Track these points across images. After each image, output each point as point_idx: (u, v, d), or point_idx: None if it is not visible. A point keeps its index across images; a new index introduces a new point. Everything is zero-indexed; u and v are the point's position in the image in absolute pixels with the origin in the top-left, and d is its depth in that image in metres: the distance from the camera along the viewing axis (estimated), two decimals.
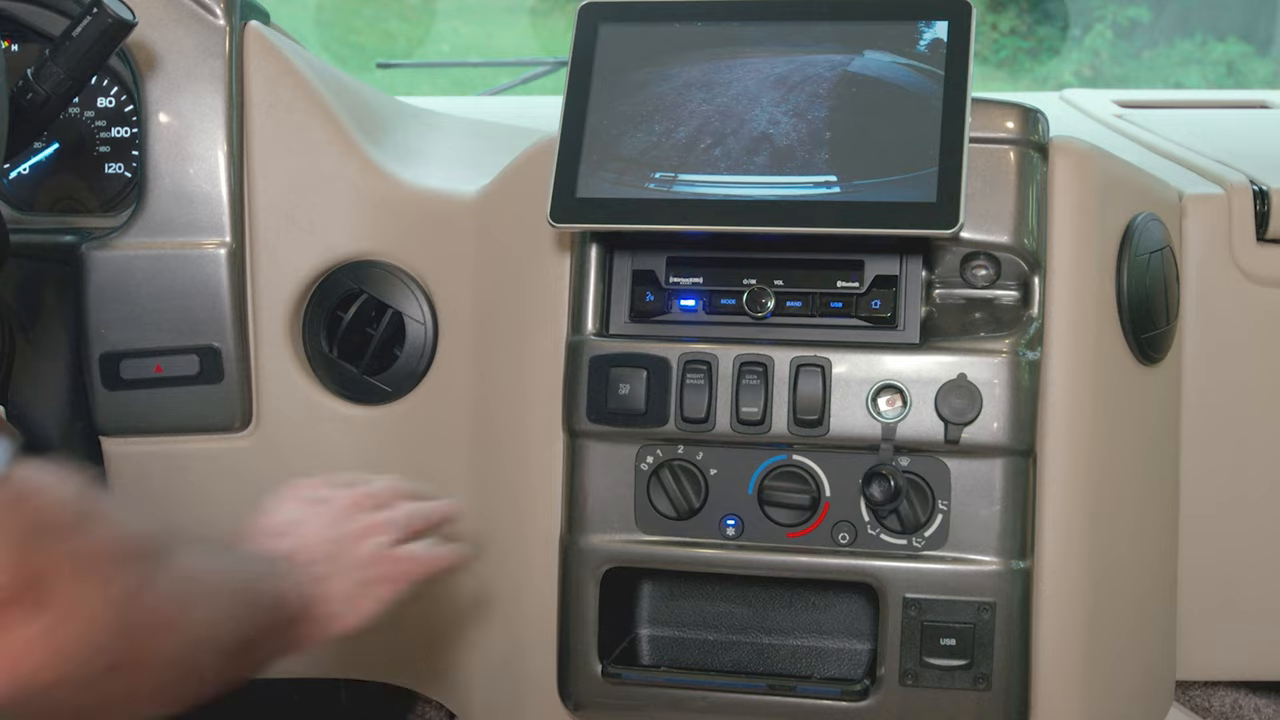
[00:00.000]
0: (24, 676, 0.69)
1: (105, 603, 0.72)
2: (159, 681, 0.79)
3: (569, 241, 1.28)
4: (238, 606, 0.89)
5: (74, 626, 0.70)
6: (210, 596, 0.85)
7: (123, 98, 1.48)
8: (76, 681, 0.72)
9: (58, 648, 0.69)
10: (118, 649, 0.73)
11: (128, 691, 0.77)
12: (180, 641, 0.80)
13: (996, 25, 5.89)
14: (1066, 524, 1.21)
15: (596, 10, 1.24)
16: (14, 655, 0.68)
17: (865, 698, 1.21)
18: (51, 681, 0.70)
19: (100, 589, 0.72)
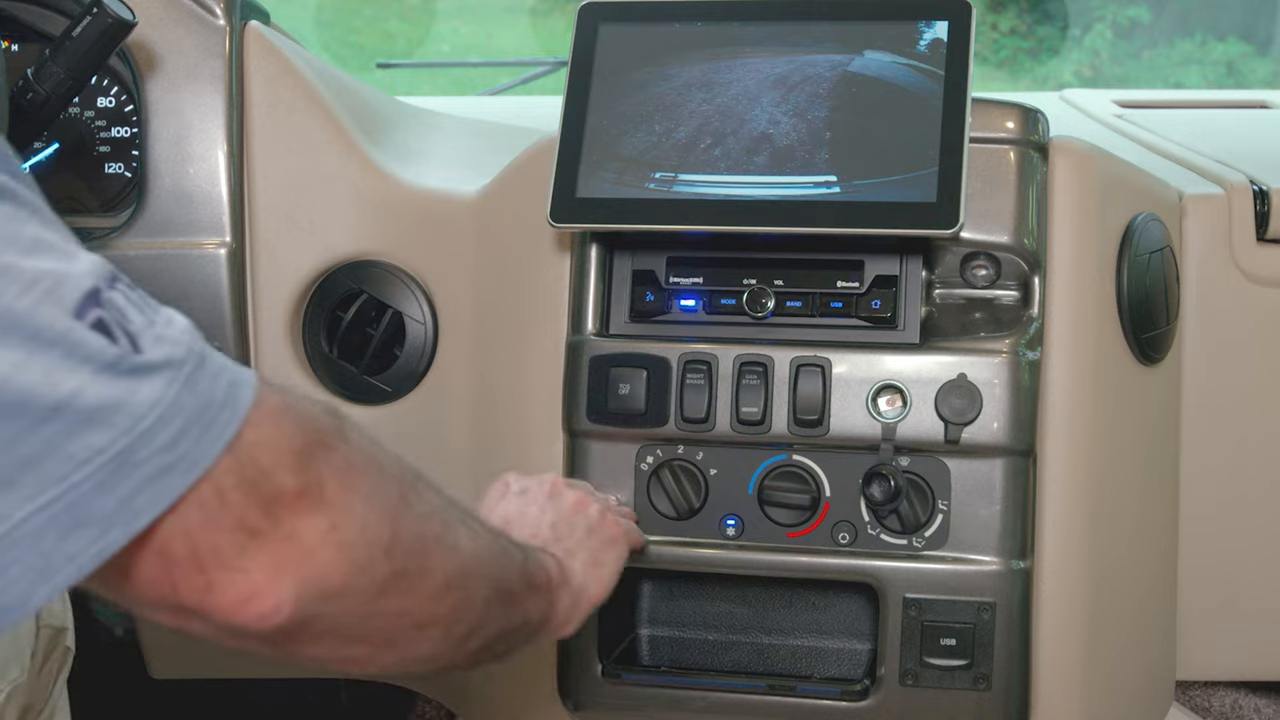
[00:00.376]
0: (316, 574, 0.68)
1: (375, 507, 0.71)
2: (438, 608, 0.77)
3: (569, 241, 1.28)
4: (504, 554, 0.87)
5: (352, 525, 0.69)
6: (478, 530, 0.84)
7: (123, 98, 1.48)
8: (362, 591, 0.71)
9: (341, 542, 0.69)
10: (397, 556, 0.73)
11: (407, 613, 0.75)
12: (453, 562, 0.78)
13: (996, 25, 5.89)
14: (1066, 524, 1.21)
15: (596, 10, 1.24)
16: (304, 550, 0.67)
17: (865, 698, 1.21)
18: (340, 585, 0.69)
19: (369, 494, 0.71)
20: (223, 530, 0.65)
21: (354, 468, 0.71)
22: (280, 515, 0.66)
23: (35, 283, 0.59)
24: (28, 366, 0.58)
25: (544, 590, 0.93)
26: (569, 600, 0.97)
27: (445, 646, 0.80)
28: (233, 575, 0.65)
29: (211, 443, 0.63)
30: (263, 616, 0.67)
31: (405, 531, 0.74)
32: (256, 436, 0.66)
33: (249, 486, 0.65)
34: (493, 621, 0.84)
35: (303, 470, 0.67)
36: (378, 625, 0.74)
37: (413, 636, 0.77)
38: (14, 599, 0.60)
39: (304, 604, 0.68)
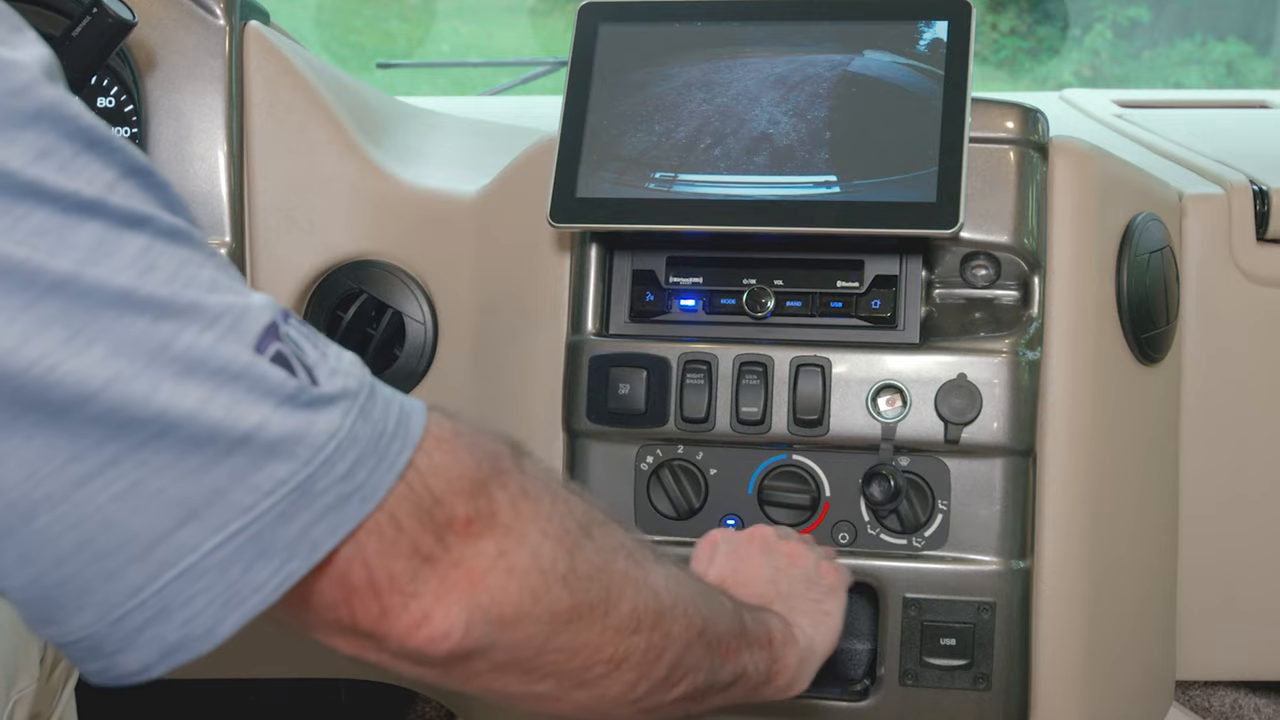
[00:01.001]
0: (486, 600, 0.68)
1: (551, 535, 0.72)
2: (630, 645, 0.76)
3: (569, 241, 1.28)
4: (712, 598, 0.86)
5: (524, 552, 0.70)
6: (678, 573, 0.83)
7: (123, 98, 1.48)
8: (539, 619, 0.71)
9: (511, 568, 0.69)
10: (577, 586, 0.73)
11: (596, 646, 0.75)
12: (644, 598, 0.77)
13: (996, 25, 5.89)
14: (1066, 524, 1.21)
15: (596, 10, 1.24)
16: (473, 575, 0.68)
17: (865, 698, 1.21)
18: (514, 612, 0.70)
19: (545, 521, 0.72)
20: (398, 557, 0.66)
21: (528, 495, 0.72)
22: (451, 541, 0.67)
23: (218, 319, 0.60)
24: (214, 401, 0.60)
25: (766, 647, 0.91)
26: (797, 658, 0.95)
27: (644, 688, 0.79)
28: (406, 600, 0.67)
29: (386, 471, 0.65)
30: (433, 640, 0.68)
31: (585, 562, 0.74)
32: (429, 464, 0.67)
33: (423, 514, 0.66)
34: (700, 669, 0.83)
35: (474, 496, 0.69)
36: (563, 659, 0.74)
37: (605, 673, 0.76)
38: (201, 629, 0.61)
39: (475, 629, 0.69)
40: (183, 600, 0.61)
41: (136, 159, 0.62)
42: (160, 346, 0.59)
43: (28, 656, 1.11)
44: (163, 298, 0.59)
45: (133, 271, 0.59)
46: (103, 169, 0.60)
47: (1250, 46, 5.88)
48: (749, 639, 0.89)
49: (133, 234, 0.60)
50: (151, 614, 0.60)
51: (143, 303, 0.58)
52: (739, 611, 0.89)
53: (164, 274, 0.60)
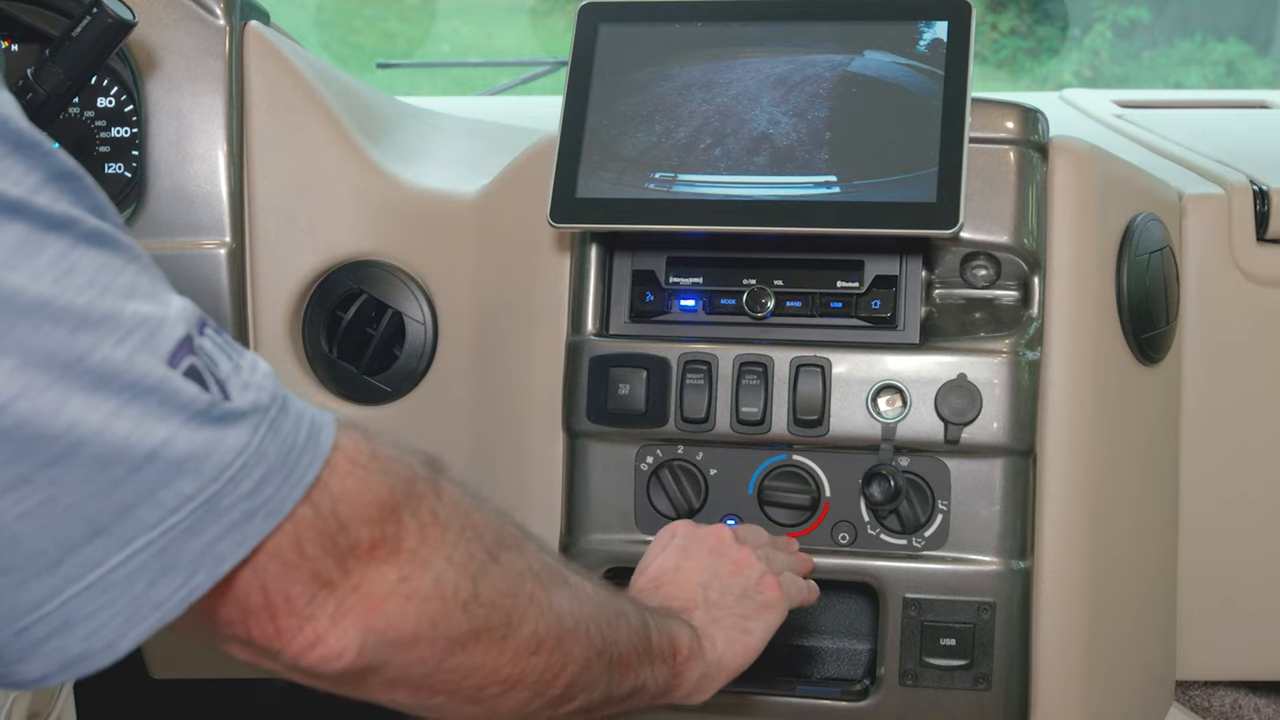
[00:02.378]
0: (382, 624, 0.69)
1: (456, 562, 0.72)
2: (527, 667, 0.77)
3: (569, 241, 1.28)
4: (618, 616, 0.86)
5: (426, 578, 0.70)
6: (583, 593, 0.83)
7: (123, 98, 1.48)
8: (435, 643, 0.71)
9: (411, 594, 0.69)
10: (477, 612, 0.73)
11: (492, 669, 0.75)
12: (546, 622, 0.78)
13: (996, 25, 5.89)
14: (1066, 524, 1.21)
15: (596, 10, 1.24)
16: (371, 599, 0.68)
17: (865, 698, 1.21)
18: (410, 636, 0.70)
19: (452, 547, 0.72)
20: (297, 582, 0.66)
21: (439, 521, 0.72)
22: (352, 566, 0.67)
23: (132, 332, 0.60)
24: (123, 415, 0.59)
25: (669, 660, 0.92)
26: (699, 671, 0.95)
27: (537, 705, 0.80)
28: (301, 623, 0.67)
29: (292, 488, 0.64)
30: (325, 660, 0.68)
31: (489, 588, 0.74)
32: (340, 487, 0.67)
33: (327, 540, 0.66)
34: (597, 685, 0.84)
35: (382, 522, 0.68)
36: (457, 679, 0.75)
37: (500, 693, 0.77)
38: (103, 642, 0.61)
39: (368, 651, 0.69)
40: (86, 614, 0.60)
41: (65, 164, 0.62)
42: (74, 360, 0.58)
43: None
44: (79, 307, 0.58)
45: (50, 276, 0.58)
46: (28, 171, 0.60)
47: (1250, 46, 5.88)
48: (651, 654, 0.90)
49: (54, 237, 0.59)
50: (54, 627, 0.60)
51: (60, 313, 0.58)
52: (645, 626, 0.90)
53: (82, 279, 0.59)
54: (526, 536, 0.80)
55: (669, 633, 0.93)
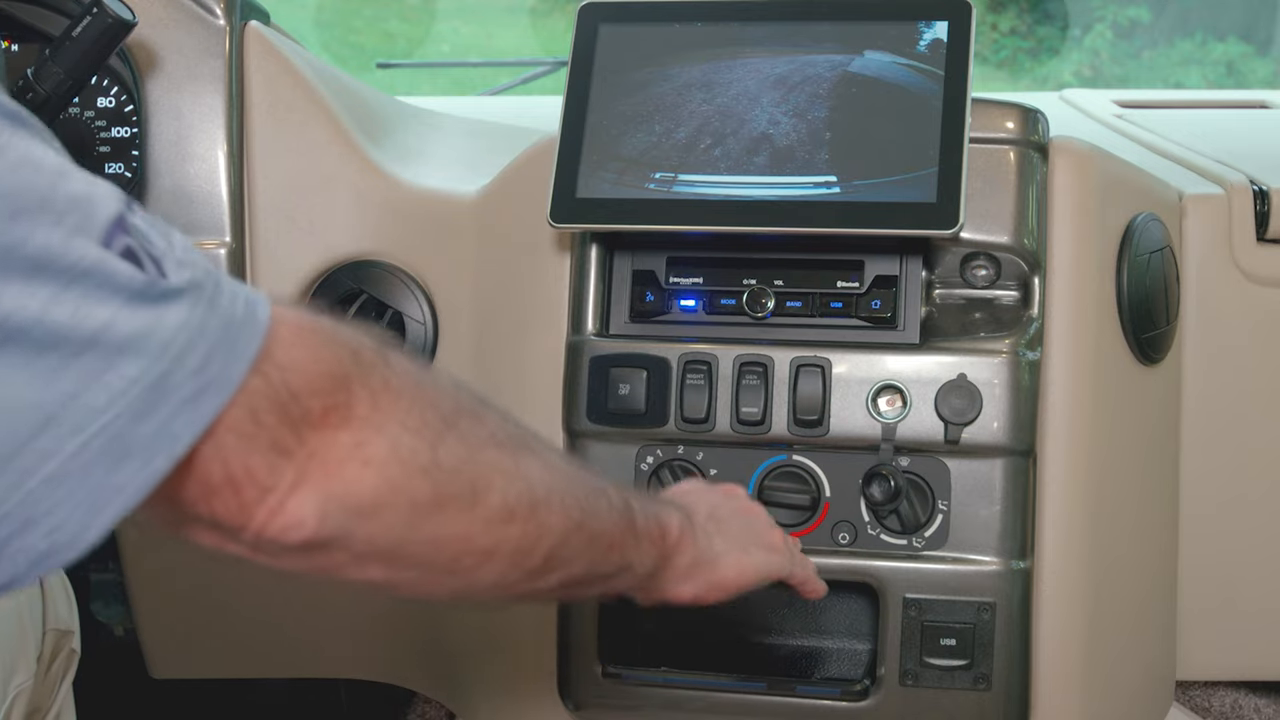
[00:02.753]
0: (339, 489, 0.68)
1: (411, 427, 0.71)
2: (501, 537, 0.76)
3: (569, 241, 1.28)
4: (595, 492, 0.84)
5: (382, 443, 0.69)
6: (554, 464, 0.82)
7: (123, 98, 1.48)
8: (398, 509, 0.70)
9: (368, 459, 0.69)
10: (439, 477, 0.72)
11: (464, 537, 0.74)
12: (517, 489, 0.77)
13: (996, 25, 5.89)
14: (1066, 524, 1.21)
15: (596, 10, 1.24)
16: (327, 465, 0.67)
17: (865, 698, 1.21)
18: (370, 502, 0.69)
19: (405, 413, 0.71)
20: (256, 452, 0.65)
21: (390, 388, 0.71)
22: (306, 435, 0.67)
23: (66, 214, 0.59)
24: (61, 301, 0.58)
25: (656, 541, 0.90)
26: (690, 557, 0.94)
27: (515, 576, 0.79)
28: (262, 493, 0.66)
29: (239, 360, 0.63)
30: (286, 530, 0.67)
31: (449, 454, 0.73)
32: (287, 358, 0.66)
33: (280, 410, 0.65)
34: (578, 560, 0.82)
35: (333, 391, 0.68)
36: (428, 549, 0.73)
37: (476, 564, 0.76)
38: (66, 537, 0.60)
39: (330, 518, 0.68)
40: (47, 509, 0.60)
41: None
42: (10, 248, 0.57)
43: (25, 651, 1.11)
44: (10, 190, 0.57)
45: None
46: None
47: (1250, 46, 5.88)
48: (637, 533, 0.88)
49: None
50: (16, 526, 0.60)
51: None
52: (629, 507, 0.88)
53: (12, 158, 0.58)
54: (486, 407, 0.79)
55: (656, 515, 0.91)
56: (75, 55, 1.24)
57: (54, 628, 1.17)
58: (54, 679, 1.19)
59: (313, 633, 1.50)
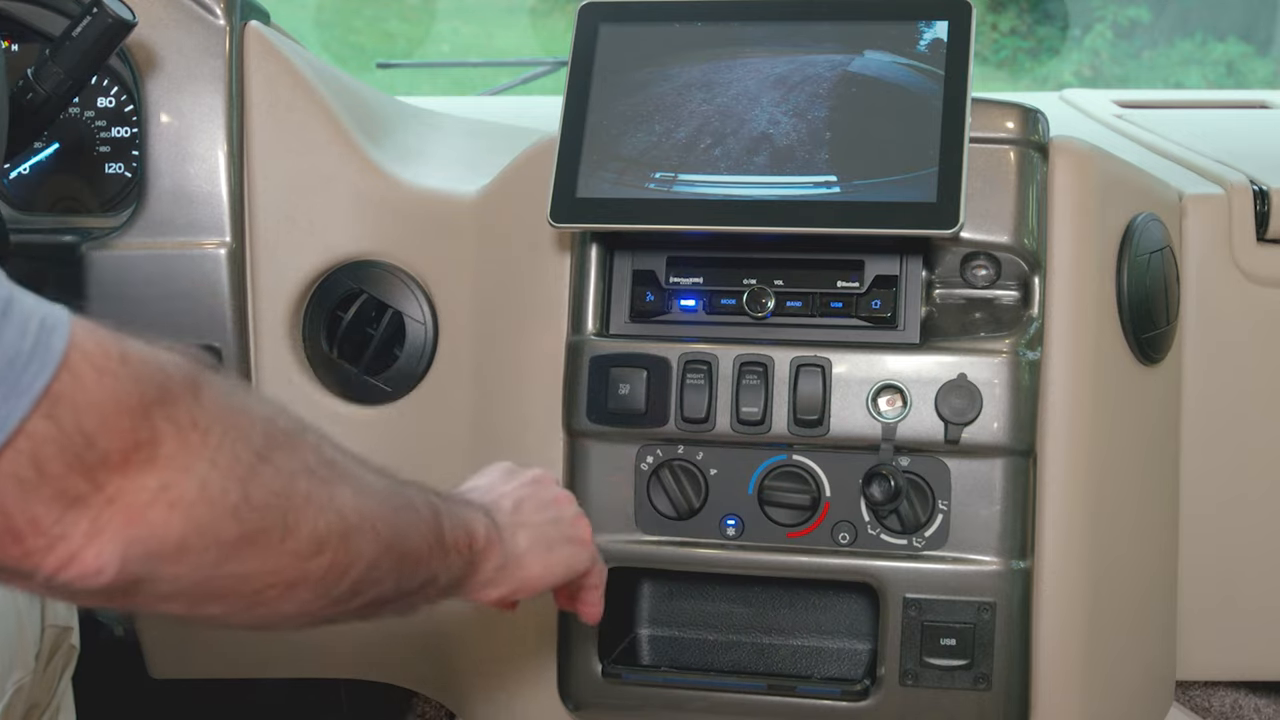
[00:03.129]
0: (144, 534, 0.65)
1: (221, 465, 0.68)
2: (309, 567, 0.74)
3: (569, 241, 1.28)
4: (406, 508, 0.84)
5: (190, 485, 0.67)
6: (367, 488, 0.80)
7: (123, 98, 1.48)
8: (205, 551, 0.68)
9: (175, 502, 0.66)
10: (248, 517, 0.69)
11: (271, 571, 0.72)
12: (326, 521, 0.75)
13: (996, 25, 5.88)
14: (1066, 524, 1.21)
15: (596, 10, 1.24)
16: (130, 511, 0.65)
17: (865, 698, 1.21)
18: (176, 546, 0.67)
19: (215, 450, 0.68)
20: (40, 502, 0.62)
21: (198, 425, 0.68)
22: (104, 479, 0.64)
23: None
24: None
25: (463, 550, 0.90)
26: (496, 563, 0.94)
27: (321, 605, 0.78)
28: (51, 542, 0.63)
29: (18, 399, 0.60)
30: (84, 578, 0.65)
31: (260, 489, 0.70)
32: (84, 399, 0.63)
33: (71, 457, 0.63)
34: (385, 580, 0.82)
35: (135, 430, 0.65)
36: (233, 584, 0.71)
37: (280, 595, 0.74)
38: None
39: (132, 564, 0.66)
40: None
41: None
42: None
43: (24, 647, 1.11)
44: None
45: None
46: None
47: (1250, 46, 5.88)
48: (445, 545, 0.87)
49: None
50: None
51: None
52: (437, 517, 0.87)
53: None
54: (302, 431, 0.76)
55: (464, 523, 0.90)
56: (75, 55, 1.24)
57: (53, 624, 1.17)
58: (53, 675, 1.18)
59: (313, 633, 1.50)
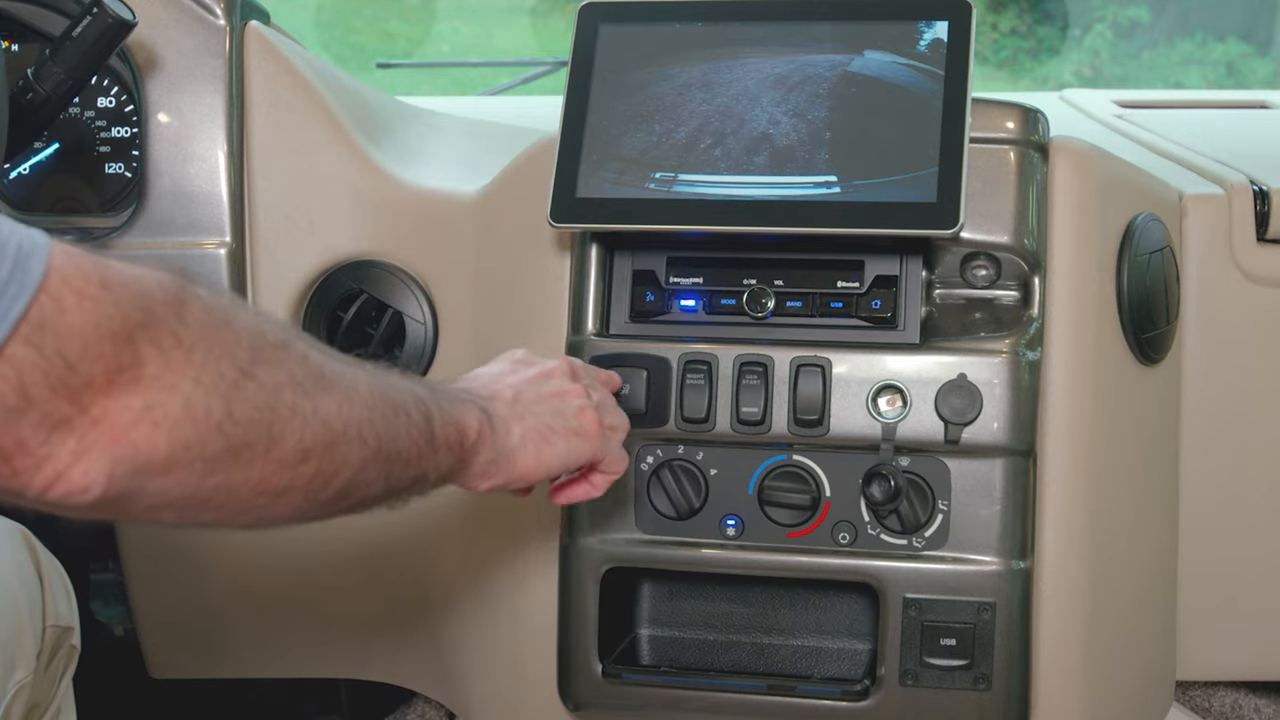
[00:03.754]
0: (129, 453, 0.67)
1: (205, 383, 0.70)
2: (295, 476, 0.76)
3: (569, 241, 1.28)
4: (395, 412, 0.85)
5: (174, 403, 0.68)
6: (355, 395, 0.81)
7: (123, 98, 1.48)
8: (190, 466, 0.70)
9: (159, 420, 0.67)
10: (232, 431, 0.71)
11: (257, 481, 0.74)
12: (312, 431, 0.76)
13: (996, 25, 5.89)
14: (1066, 524, 1.21)
15: (596, 10, 1.24)
16: (119, 428, 0.66)
17: (865, 698, 1.21)
18: (163, 462, 0.68)
19: (199, 369, 0.70)
20: (26, 426, 0.64)
21: (182, 344, 0.69)
22: (89, 401, 0.65)
23: None
24: None
25: (454, 447, 0.91)
26: (488, 456, 0.94)
27: (310, 508, 0.80)
28: (39, 462, 0.65)
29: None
30: (71, 494, 0.66)
31: (244, 404, 0.72)
32: (65, 324, 0.64)
33: (55, 382, 0.64)
34: (374, 482, 0.83)
35: (117, 354, 0.66)
36: (221, 495, 0.73)
37: (269, 502, 0.76)
38: None
39: (119, 481, 0.67)
40: None
41: None
42: None
43: (24, 647, 1.11)
44: None
45: None
46: None
47: (1250, 46, 5.88)
48: (435, 443, 0.88)
49: None
50: None
51: None
52: (428, 419, 0.88)
53: None
54: (290, 341, 0.78)
55: (455, 419, 0.91)
56: (75, 55, 1.24)
57: (54, 624, 1.17)
58: (54, 675, 1.18)
59: (313, 633, 1.50)
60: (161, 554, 1.48)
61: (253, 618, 1.51)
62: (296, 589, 1.47)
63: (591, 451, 1.02)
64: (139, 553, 1.48)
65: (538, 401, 1.00)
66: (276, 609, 1.49)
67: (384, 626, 1.48)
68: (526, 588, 1.31)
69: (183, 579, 1.49)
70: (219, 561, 1.47)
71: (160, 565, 1.48)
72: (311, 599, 1.48)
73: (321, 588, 1.47)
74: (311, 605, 1.48)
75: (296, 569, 1.46)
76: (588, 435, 1.01)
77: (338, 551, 1.43)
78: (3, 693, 1.06)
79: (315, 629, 1.50)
